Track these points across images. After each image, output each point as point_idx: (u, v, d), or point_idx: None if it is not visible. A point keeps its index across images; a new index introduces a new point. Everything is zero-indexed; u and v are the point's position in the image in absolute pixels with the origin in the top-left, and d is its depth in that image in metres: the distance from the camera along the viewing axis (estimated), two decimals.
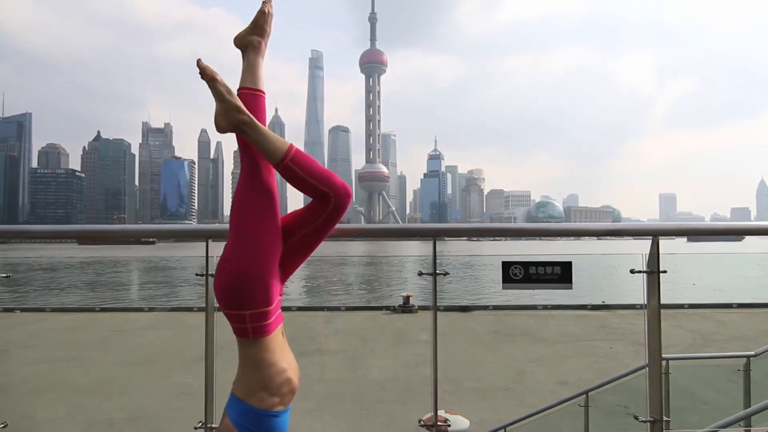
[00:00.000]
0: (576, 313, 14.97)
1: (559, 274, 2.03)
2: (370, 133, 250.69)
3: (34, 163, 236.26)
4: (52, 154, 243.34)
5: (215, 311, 1.94)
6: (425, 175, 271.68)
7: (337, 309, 17.36)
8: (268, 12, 1.56)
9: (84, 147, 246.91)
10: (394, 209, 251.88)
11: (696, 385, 4.40)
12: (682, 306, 14.64)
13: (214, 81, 1.38)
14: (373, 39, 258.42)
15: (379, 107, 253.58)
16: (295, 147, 1.42)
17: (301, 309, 16.66)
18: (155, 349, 11.02)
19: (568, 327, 13.57)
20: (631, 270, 2.06)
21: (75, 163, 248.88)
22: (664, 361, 3.54)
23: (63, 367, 9.55)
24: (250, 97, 1.51)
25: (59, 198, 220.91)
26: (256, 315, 1.35)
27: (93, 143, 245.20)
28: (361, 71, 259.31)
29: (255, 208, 1.41)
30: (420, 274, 2.19)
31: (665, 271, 1.99)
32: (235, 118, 1.39)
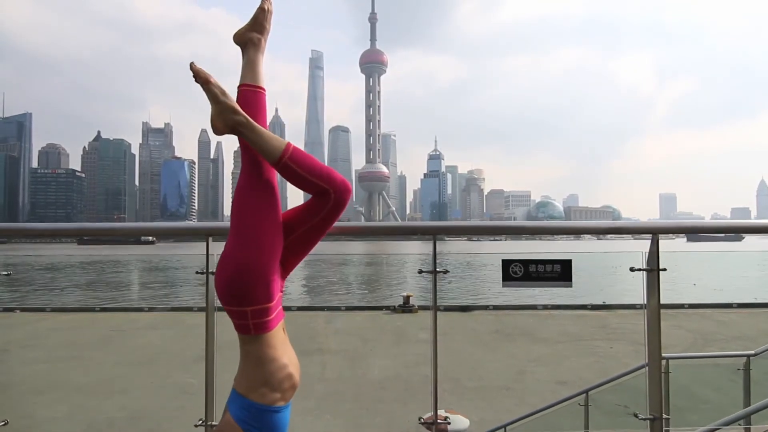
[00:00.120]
0: (576, 313, 14.99)
1: (559, 272, 2.02)
2: (370, 133, 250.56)
3: (34, 163, 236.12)
4: (52, 154, 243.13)
5: (215, 310, 1.95)
6: (425, 175, 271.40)
7: (337, 309, 17.39)
8: (267, 9, 1.56)
9: (84, 147, 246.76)
10: (394, 209, 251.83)
11: (696, 385, 4.40)
12: (682, 306, 14.67)
13: (208, 83, 1.39)
14: (373, 39, 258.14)
15: (379, 107, 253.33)
16: (293, 145, 1.42)
17: (302, 309, 16.70)
18: (155, 349, 11.04)
19: (568, 327, 13.57)
20: (631, 268, 2.04)
21: (75, 163, 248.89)
22: (664, 360, 3.55)
23: (63, 367, 9.56)
24: (250, 94, 1.51)
25: (59, 198, 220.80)
26: (257, 311, 1.35)
27: (93, 143, 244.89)
28: (361, 71, 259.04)
29: (255, 206, 1.41)
30: (420, 272, 2.21)
31: (665, 269, 1.98)
32: (231, 119, 1.39)
